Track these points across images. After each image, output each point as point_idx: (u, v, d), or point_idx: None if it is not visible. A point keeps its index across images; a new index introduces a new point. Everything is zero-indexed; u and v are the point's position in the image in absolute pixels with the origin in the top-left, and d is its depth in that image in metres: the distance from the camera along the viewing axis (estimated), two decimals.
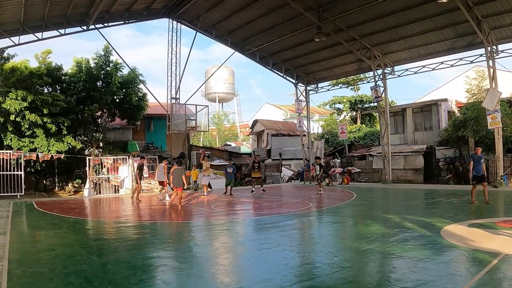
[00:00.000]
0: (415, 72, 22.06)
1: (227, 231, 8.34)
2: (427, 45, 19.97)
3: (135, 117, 22.16)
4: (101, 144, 21.79)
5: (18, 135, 17.45)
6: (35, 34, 17.62)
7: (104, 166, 18.53)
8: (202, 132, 36.31)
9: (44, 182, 21.62)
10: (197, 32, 22.83)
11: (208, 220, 10.00)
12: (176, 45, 23.22)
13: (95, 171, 18.62)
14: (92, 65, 20.24)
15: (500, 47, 17.56)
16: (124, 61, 21.42)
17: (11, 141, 17.11)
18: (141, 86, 22.28)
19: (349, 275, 4.65)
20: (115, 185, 18.64)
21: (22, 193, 16.29)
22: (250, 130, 39.92)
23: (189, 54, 29.99)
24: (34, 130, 17.32)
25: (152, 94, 27.79)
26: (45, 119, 17.13)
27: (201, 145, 38.80)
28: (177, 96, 23.17)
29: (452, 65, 20.27)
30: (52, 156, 17.65)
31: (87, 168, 18.14)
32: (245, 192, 17.37)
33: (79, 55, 21.93)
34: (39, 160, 17.39)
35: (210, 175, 19.26)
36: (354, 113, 38.36)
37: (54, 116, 17.66)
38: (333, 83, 28.24)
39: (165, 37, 58.14)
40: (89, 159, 18.29)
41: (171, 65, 23.29)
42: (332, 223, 9.11)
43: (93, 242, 7.07)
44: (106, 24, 20.02)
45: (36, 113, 16.98)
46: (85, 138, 20.61)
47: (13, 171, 16.20)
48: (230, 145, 43.11)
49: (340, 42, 20.73)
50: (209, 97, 60.91)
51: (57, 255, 5.84)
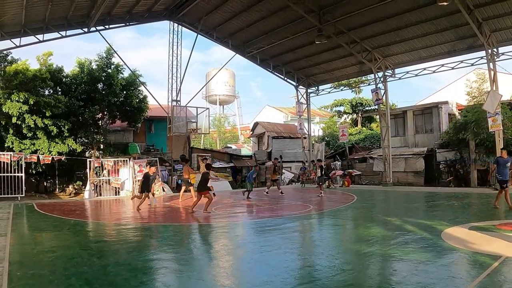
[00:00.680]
0: (416, 75, 22.11)
1: (228, 234, 8.34)
2: (428, 48, 20.00)
3: (136, 119, 22.19)
4: (102, 146, 21.81)
5: (20, 137, 17.49)
6: (36, 36, 17.69)
7: (105, 168, 18.56)
8: (203, 135, 36.36)
9: (45, 184, 21.65)
10: (198, 35, 22.92)
11: (209, 223, 9.99)
12: (177, 47, 23.27)
13: (96, 173, 18.64)
14: (94, 67, 20.30)
15: (501, 50, 17.65)
16: (125, 63, 21.52)
17: (13, 144, 17.17)
18: (142, 88, 22.37)
19: (350, 278, 4.64)
20: (116, 187, 18.66)
21: (23, 195, 16.32)
22: (251, 133, 39.94)
23: (190, 56, 30.29)
24: (36, 132, 17.37)
25: (153, 96, 27.88)
26: (46, 121, 17.17)
27: (202, 147, 38.77)
28: (178, 98, 23.22)
29: (453, 68, 20.28)
30: (53, 158, 17.68)
31: (88, 170, 18.16)
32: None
33: (80, 57, 21.88)
34: (40, 162, 17.42)
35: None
36: (355, 116, 38.40)
37: (55, 118, 17.70)
38: (334, 85, 28.28)
39: (166, 39, 58.31)
40: (90, 161, 18.31)
41: (172, 67, 23.34)
42: (333, 226, 9.10)
43: (94, 244, 7.06)
44: (107, 26, 20.06)
45: (37, 115, 17.03)
46: (86, 140, 20.63)
47: (14, 173, 16.23)
48: (231, 148, 43.08)
49: (341, 45, 20.76)
50: (210, 99, 60.90)
51: (58, 257, 5.84)
